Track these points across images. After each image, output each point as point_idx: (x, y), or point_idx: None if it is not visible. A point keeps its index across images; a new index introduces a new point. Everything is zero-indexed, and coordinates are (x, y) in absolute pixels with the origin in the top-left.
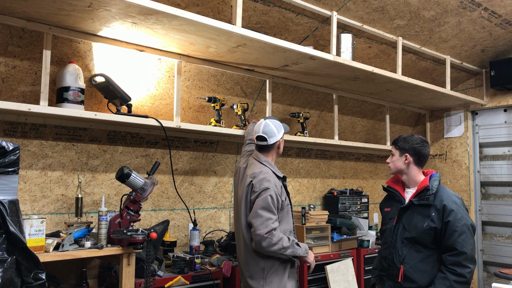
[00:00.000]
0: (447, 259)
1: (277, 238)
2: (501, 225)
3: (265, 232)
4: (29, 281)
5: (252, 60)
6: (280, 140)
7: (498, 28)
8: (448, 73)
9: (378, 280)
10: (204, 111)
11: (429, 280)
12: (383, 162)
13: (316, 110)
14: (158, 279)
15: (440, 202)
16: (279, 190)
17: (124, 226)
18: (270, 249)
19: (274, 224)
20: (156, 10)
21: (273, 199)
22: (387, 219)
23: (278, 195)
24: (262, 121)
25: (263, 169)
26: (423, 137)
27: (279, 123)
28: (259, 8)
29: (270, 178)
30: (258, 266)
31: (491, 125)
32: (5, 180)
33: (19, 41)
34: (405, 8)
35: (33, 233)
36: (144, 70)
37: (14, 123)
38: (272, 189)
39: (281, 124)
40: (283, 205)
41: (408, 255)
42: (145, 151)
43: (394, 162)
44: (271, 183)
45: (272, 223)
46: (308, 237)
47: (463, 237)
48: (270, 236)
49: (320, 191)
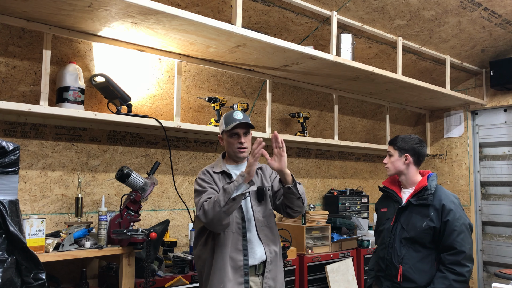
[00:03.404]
0: (446, 258)
1: (206, 205)
2: (501, 225)
3: (198, 211)
4: (29, 281)
5: (252, 60)
6: (219, 136)
7: (498, 28)
8: (448, 73)
9: (375, 281)
10: (204, 111)
11: (428, 280)
12: (383, 162)
13: (316, 110)
14: (158, 279)
15: (439, 201)
16: (208, 177)
17: (124, 226)
18: (210, 217)
19: (202, 199)
20: (156, 10)
21: (199, 183)
22: (384, 220)
23: (203, 180)
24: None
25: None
26: (419, 137)
27: (225, 115)
28: (259, 8)
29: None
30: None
31: (491, 125)
32: (5, 180)
33: (19, 41)
34: (405, 8)
35: (33, 233)
36: (144, 70)
37: (14, 123)
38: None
39: (224, 116)
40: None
41: (406, 255)
42: (145, 151)
43: (394, 162)
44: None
45: (199, 200)
46: (308, 237)
47: (462, 236)
48: (201, 210)
49: (320, 191)
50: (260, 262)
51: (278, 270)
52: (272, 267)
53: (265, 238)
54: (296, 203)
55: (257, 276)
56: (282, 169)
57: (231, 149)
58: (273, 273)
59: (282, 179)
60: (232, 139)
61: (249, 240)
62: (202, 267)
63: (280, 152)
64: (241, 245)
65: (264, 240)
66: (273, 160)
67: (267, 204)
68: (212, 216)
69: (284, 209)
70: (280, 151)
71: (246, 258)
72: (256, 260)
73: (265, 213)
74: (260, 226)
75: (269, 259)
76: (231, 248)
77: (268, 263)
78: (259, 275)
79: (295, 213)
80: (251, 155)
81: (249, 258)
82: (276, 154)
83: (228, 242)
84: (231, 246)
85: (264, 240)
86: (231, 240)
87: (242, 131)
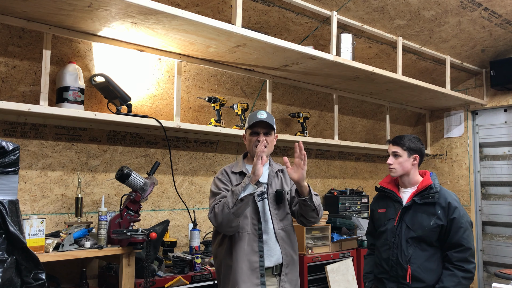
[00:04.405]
0: (454, 256)
1: (217, 208)
2: (501, 225)
3: (209, 214)
4: (29, 281)
5: (252, 60)
6: (243, 134)
7: (498, 28)
8: (448, 73)
9: (375, 284)
10: (204, 111)
11: (435, 279)
12: (383, 162)
13: (316, 110)
14: (158, 279)
15: (444, 200)
16: (225, 177)
17: (124, 226)
18: (220, 220)
19: (213, 202)
20: (156, 10)
21: (215, 183)
22: (384, 220)
23: (220, 180)
24: None
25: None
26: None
27: (251, 114)
28: (259, 8)
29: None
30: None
31: (491, 125)
32: (5, 180)
33: (19, 41)
34: (405, 8)
35: (33, 233)
36: (144, 70)
37: (14, 123)
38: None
39: (250, 114)
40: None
41: (414, 254)
42: (145, 151)
43: (403, 163)
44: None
45: (212, 203)
46: (308, 237)
47: (467, 233)
48: (212, 213)
49: (320, 191)
50: (276, 264)
51: (295, 275)
52: (288, 270)
53: (282, 241)
54: (311, 214)
55: (274, 277)
56: (299, 181)
57: (250, 148)
58: (290, 276)
59: (299, 190)
60: (252, 138)
61: (265, 241)
62: (220, 266)
63: (300, 164)
64: (257, 246)
65: (281, 243)
66: (293, 169)
67: (285, 208)
68: (221, 218)
69: (298, 217)
70: (301, 163)
71: (262, 259)
72: (272, 262)
73: (282, 216)
74: (277, 228)
75: (286, 262)
76: (247, 249)
77: (284, 266)
78: (277, 275)
79: (308, 223)
80: (255, 156)
81: (265, 260)
82: (297, 164)
83: (243, 243)
84: (247, 247)
85: (281, 243)
86: (246, 241)
87: (263, 131)
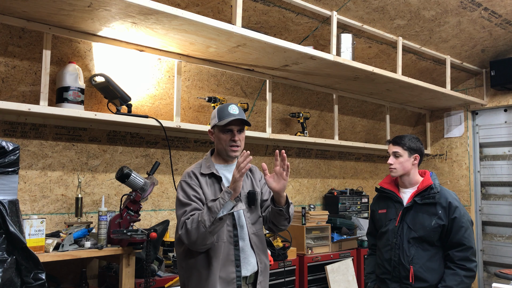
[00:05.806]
0: (455, 255)
1: (190, 224)
2: (501, 225)
3: (180, 230)
4: (29, 281)
5: (252, 60)
6: (209, 130)
7: (498, 28)
8: (448, 73)
9: (377, 284)
10: (204, 111)
11: (438, 278)
12: (383, 162)
13: (316, 110)
14: (158, 279)
15: (445, 199)
16: (194, 181)
17: (124, 226)
18: (194, 238)
19: (184, 216)
20: (156, 10)
21: (183, 189)
22: (385, 221)
23: (189, 186)
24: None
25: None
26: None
27: (219, 107)
28: (259, 8)
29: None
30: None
31: (491, 125)
32: (5, 180)
33: (19, 41)
34: (405, 8)
35: (33, 233)
36: (144, 70)
37: (14, 123)
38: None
39: (218, 108)
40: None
41: (416, 254)
42: (145, 151)
43: (403, 163)
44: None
45: (182, 217)
46: (308, 237)
47: (469, 232)
48: (183, 229)
49: (320, 191)
50: (252, 272)
51: (267, 282)
52: (262, 278)
53: (256, 247)
54: (283, 223)
55: (247, 286)
56: (279, 192)
57: (222, 146)
58: (263, 284)
59: (276, 199)
60: (225, 135)
61: (241, 249)
62: (187, 279)
63: (282, 174)
64: (233, 255)
65: (256, 250)
66: (272, 178)
67: (257, 210)
68: (196, 237)
69: (267, 223)
70: (283, 173)
71: (239, 269)
72: (248, 271)
73: (254, 219)
74: (250, 233)
75: (260, 269)
76: (222, 259)
77: (259, 274)
78: (249, 285)
79: (278, 230)
80: (237, 170)
81: (241, 270)
82: (278, 173)
83: (218, 252)
84: (222, 257)
85: (255, 249)
86: (222, 250)
87: (237, 128)
